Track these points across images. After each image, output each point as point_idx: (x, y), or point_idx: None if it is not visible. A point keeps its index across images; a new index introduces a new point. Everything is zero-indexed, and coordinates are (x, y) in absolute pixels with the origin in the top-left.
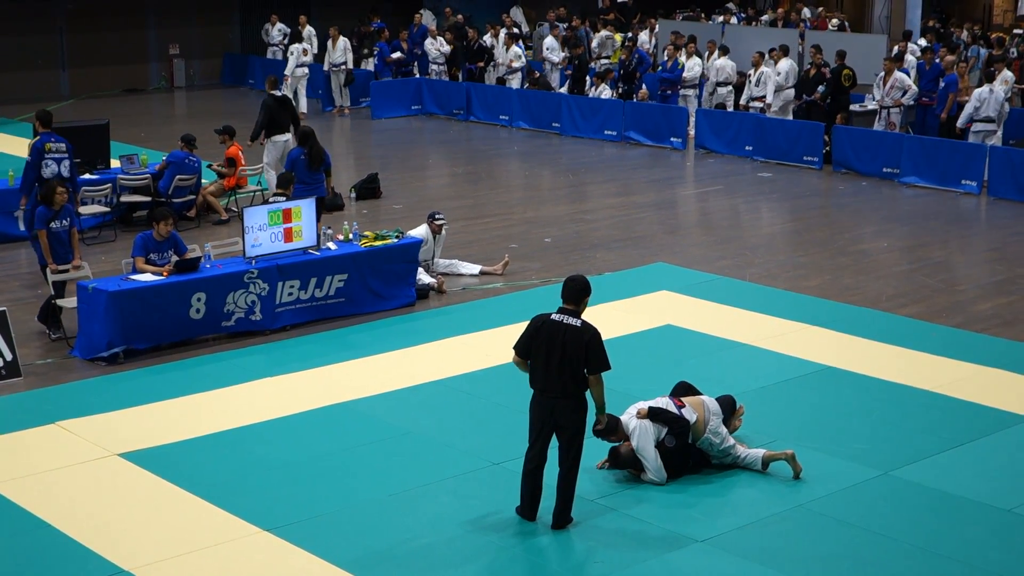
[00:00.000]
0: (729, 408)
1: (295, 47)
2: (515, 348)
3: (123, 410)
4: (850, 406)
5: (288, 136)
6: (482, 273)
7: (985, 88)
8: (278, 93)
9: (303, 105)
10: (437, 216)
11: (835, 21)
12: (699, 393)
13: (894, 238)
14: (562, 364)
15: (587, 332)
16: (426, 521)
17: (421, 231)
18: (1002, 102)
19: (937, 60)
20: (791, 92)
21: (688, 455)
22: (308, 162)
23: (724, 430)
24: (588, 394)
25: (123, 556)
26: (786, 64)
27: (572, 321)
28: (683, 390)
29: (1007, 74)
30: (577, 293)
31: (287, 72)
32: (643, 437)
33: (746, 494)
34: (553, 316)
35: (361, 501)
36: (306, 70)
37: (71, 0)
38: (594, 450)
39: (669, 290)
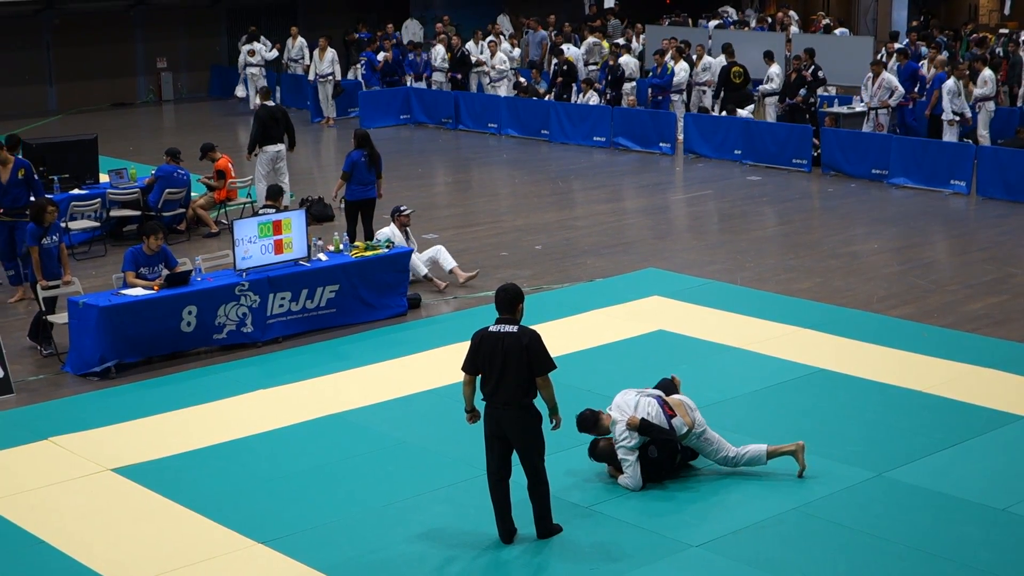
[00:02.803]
0: (671, 388)
1: (244, 46)
2: (463, 368)
3: (116, 425)
4: (843, 408)
5: (280, 147)
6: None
7: (950, 81)
8: (270, 104)
9: (251, 102)
10: (402, 209)
11: (791, 30)
12: (678, 391)
13: (884, 239)
14: (505, 372)
15: (526, 336)
16: (421, 531)
17: (387, 231)
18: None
19: (911, 61)
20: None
21: (674, 459)
22: (368, 163)
23: (703, 421)
24: (539, 403)
25: (118, 571)
26: (776, 69)
27: (510, 328)
28: (667, 387)
29: (987, 73)
30: (509, 302)
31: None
32: (626, 442)
33: (740, 498)
34: (491, 328)
35: (355, 512)
36: (254, 71)
37: (58, 15)
38: (566, 458)
39: (660, 295)
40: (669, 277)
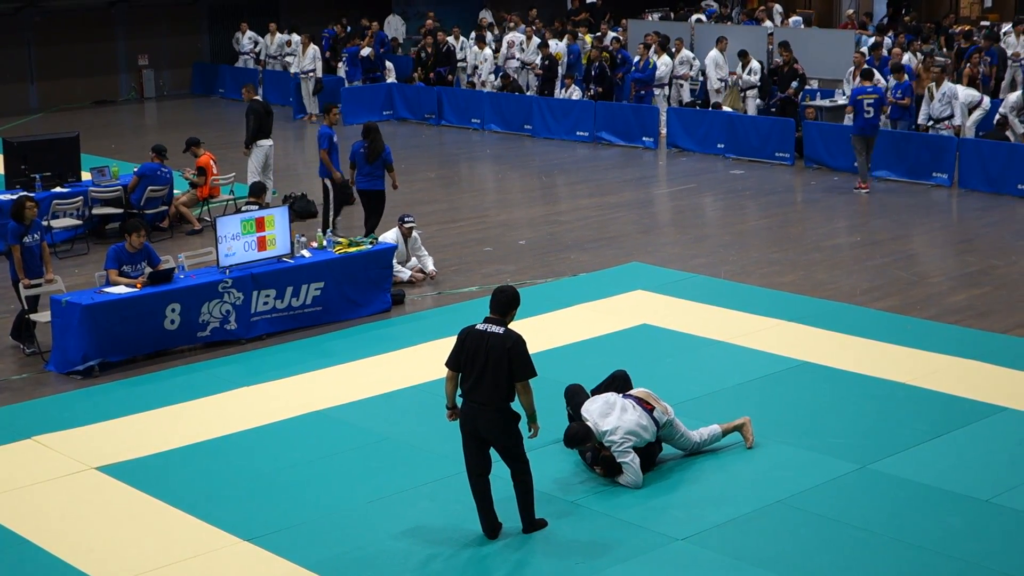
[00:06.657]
0: (626, 383)
1: (279, 36)
2: (447, 364)
3: (99, 423)
4: (827, 401)
5: (271, 142)
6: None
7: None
8: (259, 99)
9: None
10: (406, 219)
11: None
12: (632, 385)
13: (866, 232)
14: (484, 371)
15: (509, 339)
16: (405, 527)
17: (391, 236)
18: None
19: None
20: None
21: (657, 449)
22: (366, 155)
23: (672, 409)
24: (518, 406)
25: (103, 570)
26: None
27: (495, 329)
28: (623, 382)
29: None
30: (504, 305)
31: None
32: (623, 446)
33: (724, 491)
34: (478, 326)
35: (340, 508)
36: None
37: (39, 12)
38: (550, 453)
39: (644, 289)
40: (653, 271)
